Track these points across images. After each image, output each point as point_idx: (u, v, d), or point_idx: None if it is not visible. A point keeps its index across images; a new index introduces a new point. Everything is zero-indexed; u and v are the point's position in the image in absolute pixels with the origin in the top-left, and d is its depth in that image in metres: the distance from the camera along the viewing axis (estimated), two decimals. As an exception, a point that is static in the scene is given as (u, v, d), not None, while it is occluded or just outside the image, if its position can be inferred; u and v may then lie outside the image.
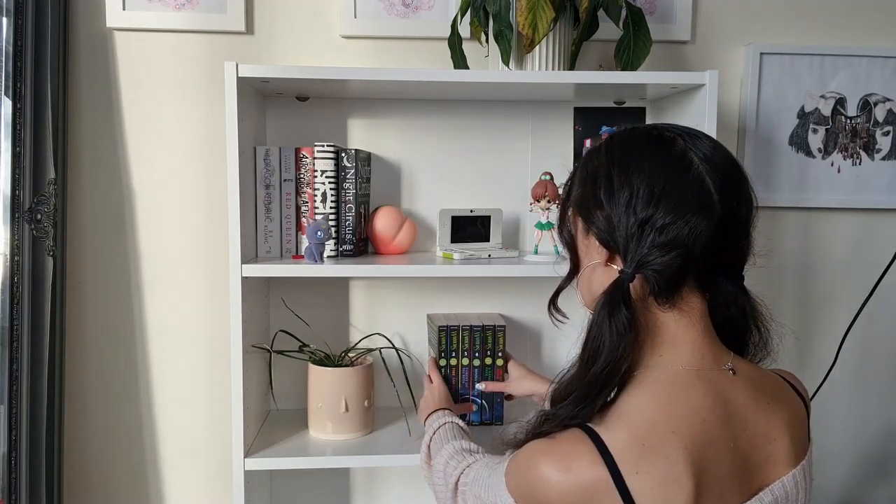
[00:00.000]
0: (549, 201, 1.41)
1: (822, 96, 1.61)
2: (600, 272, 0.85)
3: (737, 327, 0.86)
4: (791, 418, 0.84)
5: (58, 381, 1.47)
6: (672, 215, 0.77)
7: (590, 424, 0.76)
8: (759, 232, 0.85)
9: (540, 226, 1.43)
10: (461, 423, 1.22)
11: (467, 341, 1.45)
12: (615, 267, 0.82)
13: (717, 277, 0.83)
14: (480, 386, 1.45)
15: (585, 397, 0.78)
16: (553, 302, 0.96)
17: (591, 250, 0.86)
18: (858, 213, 1.66)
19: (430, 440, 1.18)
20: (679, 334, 0.81)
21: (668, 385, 0.78)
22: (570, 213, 0.90)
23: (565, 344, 1.62)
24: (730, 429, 0.78)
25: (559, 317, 0.96)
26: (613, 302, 0.79)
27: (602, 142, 0.89)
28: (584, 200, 0.86)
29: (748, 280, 0.87)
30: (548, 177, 1.42)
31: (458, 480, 1.02)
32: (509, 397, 1.46)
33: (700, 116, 1.32)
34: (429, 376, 1.41)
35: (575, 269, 0.92)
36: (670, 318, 0.81)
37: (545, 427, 0.80)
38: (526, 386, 1.38)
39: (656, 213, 0.78)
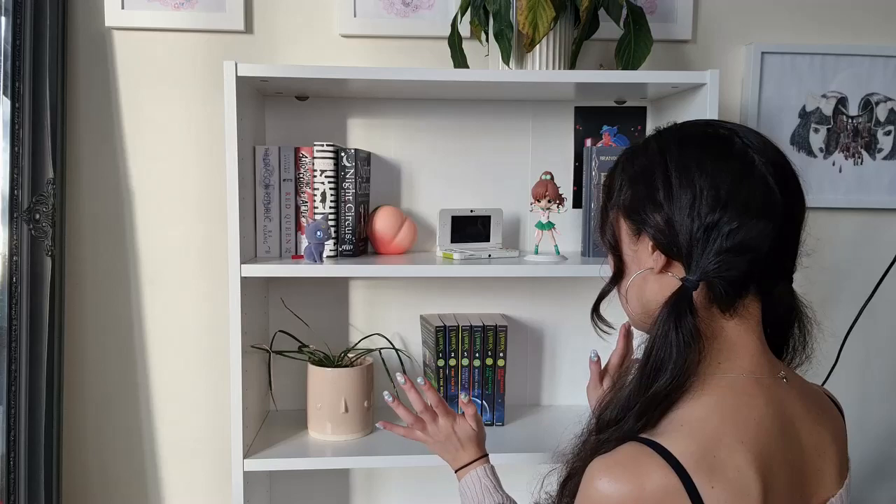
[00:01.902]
0: (549, 201, 1.40)
1: (824, 96, 1.61)
2: (654, 279, 0.80)
3: (782, 330, 0.84)
4: (836, 431, 0.82)
5: (57, 382, 1.47)
6: (740, 219, 0.73)
7: (644, 436, 0.72)
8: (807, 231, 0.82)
9: (540, 226, 1.42)
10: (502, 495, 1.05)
11: (467, 341, 1.44)
12: (672, 274, 0.78)
13: (775, 280, 0.79)
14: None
15: (645, 413, 0.74)
16: (596, 309, 0.90)
17: (642, 256, 0.80)
18: (860, 212, 1.65)
19: None
20: (739, 341, 0.78)
21: (731, 394, 0.75)
22: (612, 216, 0.84)
23: (565, 344, 1.62)
24: (787, 440, 0.75)
25: (603, 326, 0.90)
26: (679, 312, 0.74)
27: (649, 139, 0.83)
28: (635, 202, 0.79)
29: None
30: (548, 176, 1.42)
31: None
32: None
33: (701, 116, 1.31)
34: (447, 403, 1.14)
35: (619, 273, 0.85)
36: (731, 325, 0.78)
37: (603, 450, 0.74)
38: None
39: (723, 217, 0.73)
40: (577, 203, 1.55)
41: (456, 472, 1.07)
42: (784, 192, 0.75)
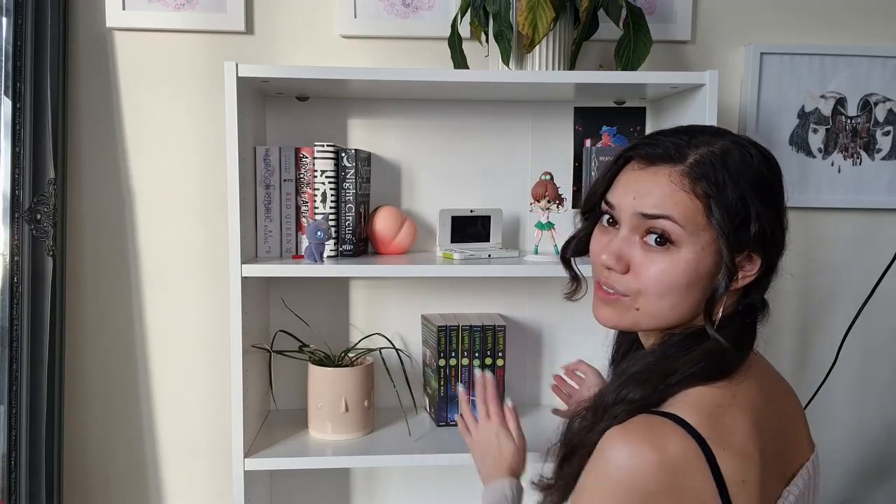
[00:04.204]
0: (549, 201, 1.41)
1: (823, 96, 1.61)
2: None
3: None
4: (795, 400, 0.87)
5: (57, 381, 1.47)
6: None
7: (655, 410, 0.74)
8: None
9: (540, 226, 1.43)
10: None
11: (467, 341, 1.45)
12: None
13: None
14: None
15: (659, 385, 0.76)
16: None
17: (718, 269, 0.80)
18: (859, 213, 1.66)
19: None
20: None
21: None
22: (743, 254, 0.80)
23: (565, 344, 1.62)
24: (770, 408, 0.79)
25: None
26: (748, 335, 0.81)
27: (752, 158, 0.79)
28: (774, 235, 0.82)
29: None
30: (548, 177, 1.42)
31: None
32: (556, 411, 1.28)
33: (700, 116, 1.32)
34: (502, 412, 1.13)
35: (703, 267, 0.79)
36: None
37: (617, 419, 0.73)
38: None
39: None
40: (576, 203, 1.56)
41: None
42: None
